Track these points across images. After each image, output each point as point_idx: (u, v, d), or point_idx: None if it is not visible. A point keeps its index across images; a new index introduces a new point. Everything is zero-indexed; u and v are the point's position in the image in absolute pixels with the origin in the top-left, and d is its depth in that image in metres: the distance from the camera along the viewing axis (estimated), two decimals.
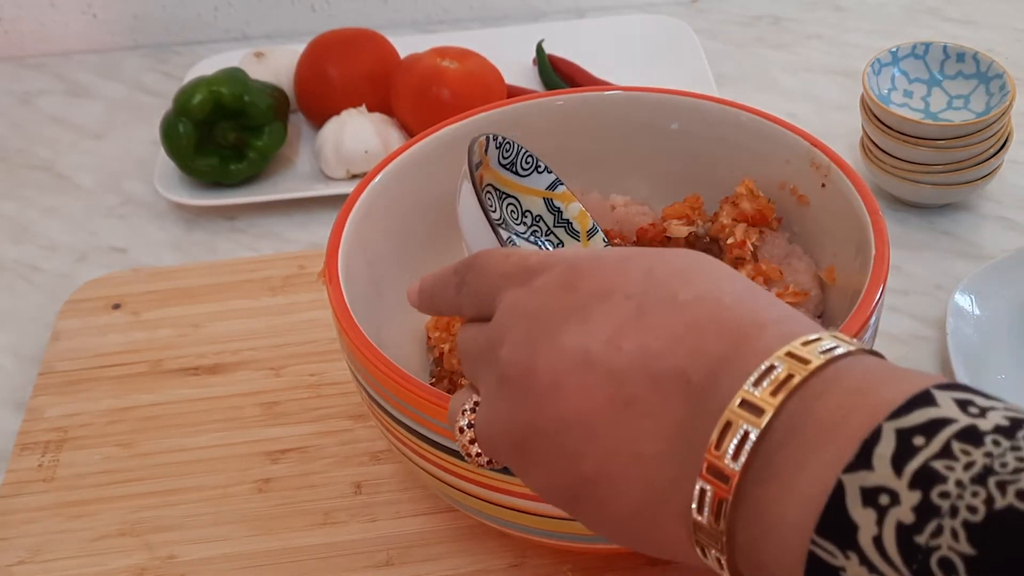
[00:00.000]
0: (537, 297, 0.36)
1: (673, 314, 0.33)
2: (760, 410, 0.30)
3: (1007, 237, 0.76)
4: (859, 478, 0.27)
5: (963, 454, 0.26)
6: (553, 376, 0.34)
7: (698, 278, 0.35)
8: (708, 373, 0.32)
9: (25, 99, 0.99)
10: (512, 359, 0.35)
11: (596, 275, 0.35)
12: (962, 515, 0.25)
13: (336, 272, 0.53)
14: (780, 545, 0.29)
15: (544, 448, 0.35)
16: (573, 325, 0.34)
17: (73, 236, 0.83)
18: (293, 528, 0.59)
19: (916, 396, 0.28)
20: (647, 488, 0.33)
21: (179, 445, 0.64)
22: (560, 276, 0.36)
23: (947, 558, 0.25)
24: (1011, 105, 0.74)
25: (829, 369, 0.30)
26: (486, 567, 0.56)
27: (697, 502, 0.31)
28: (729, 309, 0.33)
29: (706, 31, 1.00)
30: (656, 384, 0.32)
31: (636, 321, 0.33)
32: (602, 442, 0.33)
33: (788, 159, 0.59)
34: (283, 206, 0.84)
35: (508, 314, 0.37)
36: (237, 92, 0.82)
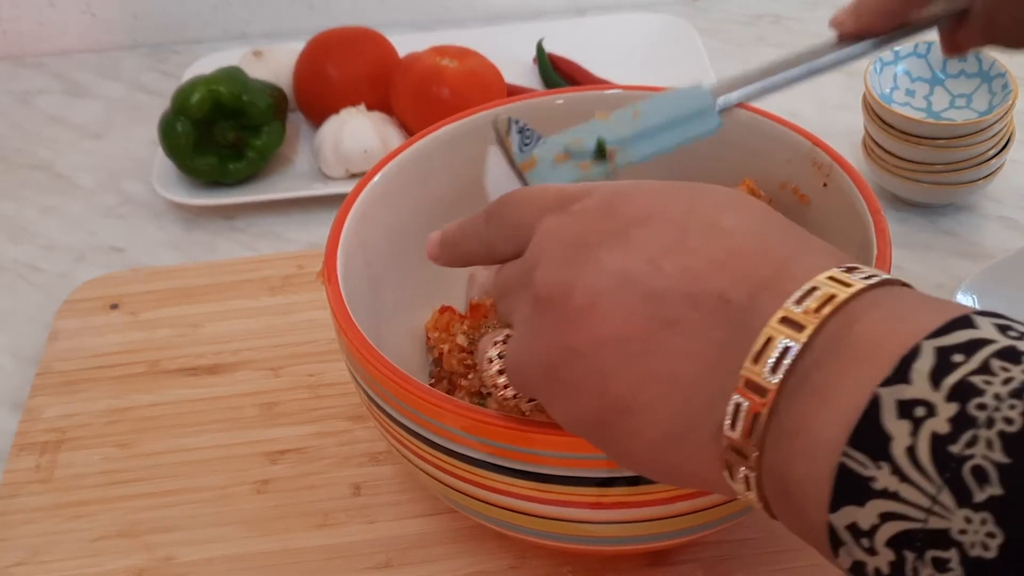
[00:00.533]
0: (576, 221, 0.36)
1: (715, 239, 0.33)
2: (801, 326, 0.30)
3: (1009, 237, 0.76)
4: (896, 391, 0.27)
5: (1002, 370, 0.26)
6: (591, 296, 0.34)
7: (741, 210, 0.35)
8: (749, 296, 0.32)
9: (24, 98, 0.99)
10: (548, 279, 0.35)
11: (638, 200, 0.35)
12: (998, 426, 0.25)
13: (335, 272, 0.53)
14: (811, 458, 0.29)
15: (577, 371, 0.34)
16: (613, 246, 0.34)
17: (71, 236, 0.83)
18: (292, 529, 0.59)
19: (956, 319, 0.28)
20: (681, 411, 0.33)
21: (178, 446, 0.64)
22: (600, 201, 0.36)
23: (980, 466, 0.25)
24: (1013, 104, 0.74)
25: (870, 293, 0.30)
26: (486, 568, 0.56)
27: (731, 418, 0.31)
28: (771, 237, 0.33)
29: (707, 30, 1.00)
30: (696, 305, 0.32)
31: (677, 244, 0.33)
32: (638, 363, 0.33)
33: (789, 158, 0.59)
34: (282, 206, 0.84)
35: (545, 238, 0.36)
36: (236, 91, 0.81)
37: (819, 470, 0.29)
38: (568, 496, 0.46)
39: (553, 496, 0.46)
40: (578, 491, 0.46)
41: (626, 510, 0.46)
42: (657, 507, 0.46)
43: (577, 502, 0.46)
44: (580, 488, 0.45)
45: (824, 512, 0.29)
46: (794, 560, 0.55)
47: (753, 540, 0.56)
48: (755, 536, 0.56)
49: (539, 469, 0.45)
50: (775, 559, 0.55)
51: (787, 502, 0.31)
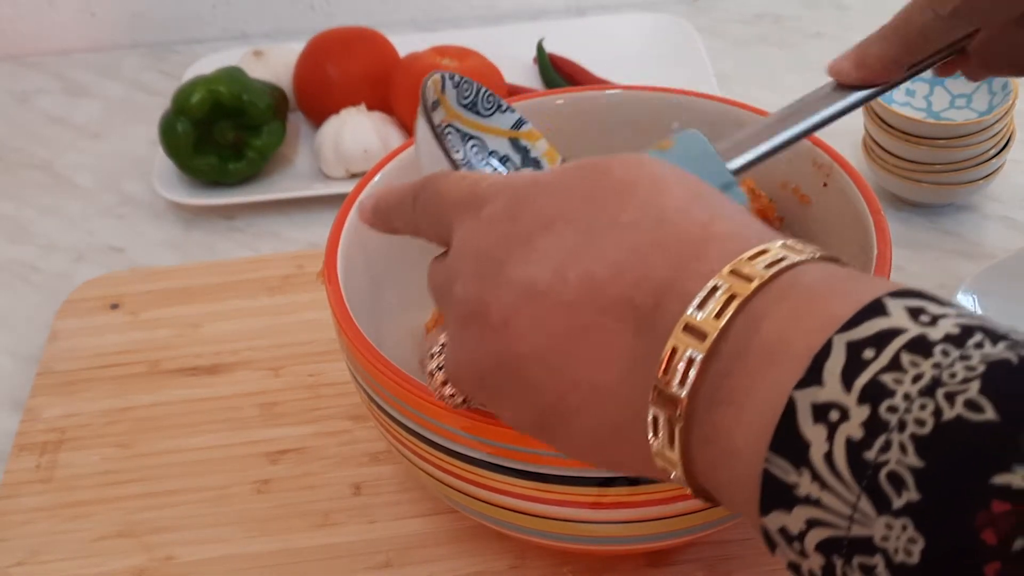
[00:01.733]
0: (486, 230, 0.36)
1: (615, 238, 0.33)
2: (704, 334, 0.30)
3: (1009, 236, 0.76)
4: (810, 394, 0.27)
5: (912, 366, 0.26)
6: (504, 312, 0.34)
7: (642, 193, 0.34)
8: (653, 299, 0.32)
9: (23, 98, 0.99)
10: (465, 297, 0.36)
11: (537, 202, 0.35)
12: (910, 428, 0.25)
13: (335, 272, 0.53)
14: (736, 466, 0.29)
15: (507, 382, 0.35)
16: (519, 259, 0.34)
17: (71, 236, 0.83)
18: (292, 529, 0.59)
19: (867, 306, 0.27)
20: (607, 416, 0.33)
21: (178, 446, 0.64)
22: (506, 206, 0.36)
23: (895, 472, 0.25)
24: (1013, 104, 0.74)
25: (776, 283, 0.30)
26: (486, 568, 0.56)
27: (652, 429, 0.31)
28: (673, 226, 0.32)
29: (707, 29, 1.00)
30: (605, 313, 0.32)
31: (580, 249, 0.33)
32: (560, 374, 0.33)
33: (789, 158, 0.59)
34: (282, 205, 0.83)
35: (459, 249, 0.37)
36: (236, 91, 0.81)
37: (745, 476, 0.29)
38: (568, 496, 0.46)
39: (553, 496, 0.46)
40: (578, 491, 0.46)
41: (626, 510, 0.46)
42: (657, 507, 0.46)
43: (577, 502, 0.46)
44: (580, 488, 0.45)
45: (756, 515, 0.29)
46: None
47: (753, 540, 0.56)
48: (755, 536, 0.56)
49: (539, 469, 0.45)
50: (775, 560, 0.55)
51: (725, 501, 0.31)
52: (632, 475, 0.36)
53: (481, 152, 0.54)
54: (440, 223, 0.39)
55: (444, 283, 0.38)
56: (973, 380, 0.25)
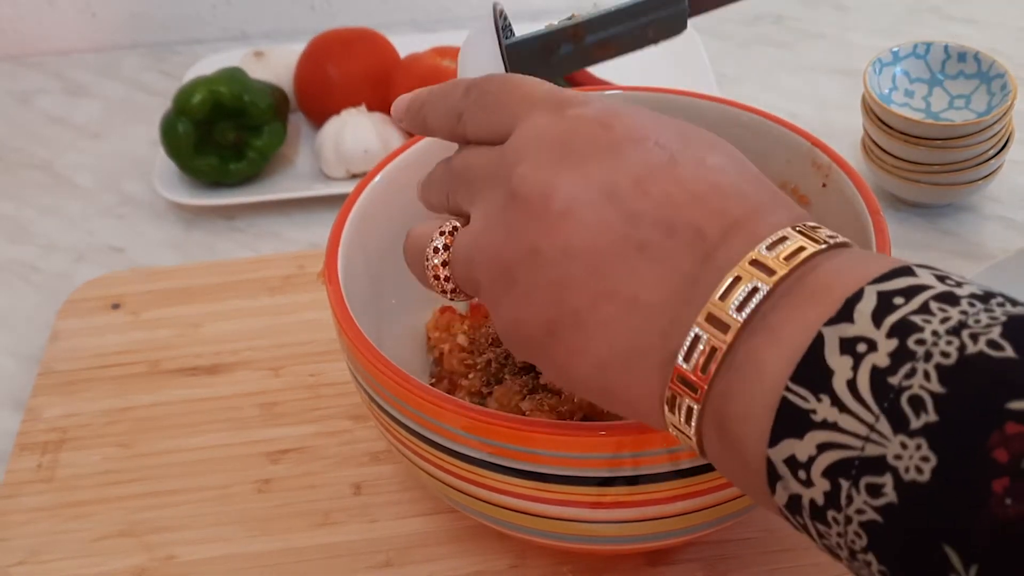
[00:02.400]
0: (570, 125, 0.36)
1: (700, 173, 0.34)
2: (772, 270, 0.31)
3: (1008, 237, 0.76)
4: (839, 330, 0.29)
5: (940, 311, 0.28)
6: (571, 202, 0.34)
7: (725, 153, 0.36)
8: (722, 233, 0.33)
9: (23, 98, 0.99)
10: (530, 177, 0.35)
11: (633, 120, 0.36)
12: (935, 359, 0.27)
13: (336, 272, 0.53)
14: (754, 393, 0.30)
15: (537, 275, 0.34)
16: (604, 159, 0.34)
17: (72, 236, 0.83)
18: (293, 529, 0.59)
19: (898, 268, 0.30)
20: (635, 334, 0.33)
21: (178, 445, 0.64)
22: (597, 113, 0.36)
23: (917, 395, 0.27)
24: (1012, 105, 0.74)
25: (830, 251, 0.32)
26: (486, 568, 0.56)
27: (687, 350, 0.32)
28: (748, 183, 0.35)
29: (707, 30, 1.00)
30: (672, 233, 0.33)
31: (665, 170, 0.34)
32: (604, 278, 0.33)
33: (789, 159, 0.59)
34: (283, 206, 0.84)
35: (532, 135, 0.36)
36: (237, 91, 0.81)
37: (762, 404, 0.30)
38: (568, 496, 0.46)
39: (553, 496, 0.46)
40: (578, 491, 0.46)
41: (626, 510, 0.46)
42: (657, 507, 0.47)
43: (577, 502, 0.46)
44: (580, 488, 0.45)
45: (763, 446, 0.30)
46: (794, 560, 0.55)
47: (753, 540, 0.56)
48: (755, 536, 0.56)
49: (539, 469, 0.45)
50: (775, 559, 0.55)
51: (725, 439, 0.32)
52: (613, 410, 0.36)
53: None
54: (502, 113, 0.38)
55: (494, 164, 0.37)
56: (995, 326, 0.27)
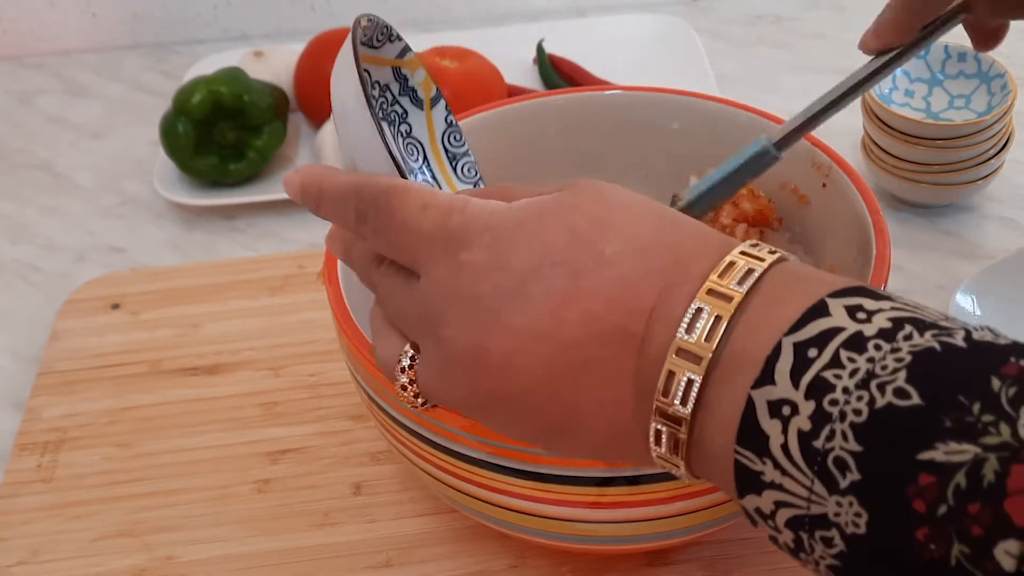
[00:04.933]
0: (468, 277, 0.37)
1: (604, 274, 0.35)
2: (698, 357, 0.33)
3: (1008, 237, 0.76)
4: (765, 392, 0.31)
5: (849, 362, 0.29)
6: (507, 356, 0.36)
7: (617, 223, 0.36)
8: (645, 325, 0.34)
9: (24, 98, 0.99)
10: (459, 343, 0.37)
11: (521, 247, 0.36)
12: (849, 418, 0.29)
13: (335, 272, 0.53)
14: (716, 459, 0.33)
15: (508, 411, 0.37)
16: (515, 306, 0.36)
17: (72, 236, 0.83)
18: (293, 529, 0.59)
19: (811, 309, 0.31)
20: (612, 425, 0.36)
21: (178, 445, 0.64)
22: (486, 254, 0.37)
23: (840, 457, 0.29)
24: (1012, 105, 0.74)
25: (747, 298, 0.33)
26: (486, 568, 0.56)
27: (654, 439, 0.34)
28: (651, 253, 0.35)
29: (707, 30, 1.00)
30: (605, 344, 0.35)
31: (572, 290, 0.35)
32: (565, 399, 0.36)
33: (789, 159, 0.59)
34: (282, 206, 0.84)
35: (440, 293, 0.37)
36: (237, 92, 0.81)
37: (723, 468, 0.32)
38: (568, 496, 0.46)
39: (553, 496, 0.46)
40: (578, 491, 0.46)
41: (626, 510, 0.46)
42: (657, 507, 0.47)
43: (577, 502, 0.46)
44: (580, 488, 0.45)
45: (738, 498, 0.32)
46: (794, 559, 0.55)
47: (753, 540, 0.56)
48: (755, 536, 0.56)
49: (539, 469, 0.45)
50: (775, 559, 0.55)
51: (718, 486, 0.34)
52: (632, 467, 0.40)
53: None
54: (401, 250, 0.39)
55: (419, 316, 0.38)
56: (901, 370, 0.29)
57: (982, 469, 0.26)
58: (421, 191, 0.39)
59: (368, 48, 0.50)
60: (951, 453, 0.27)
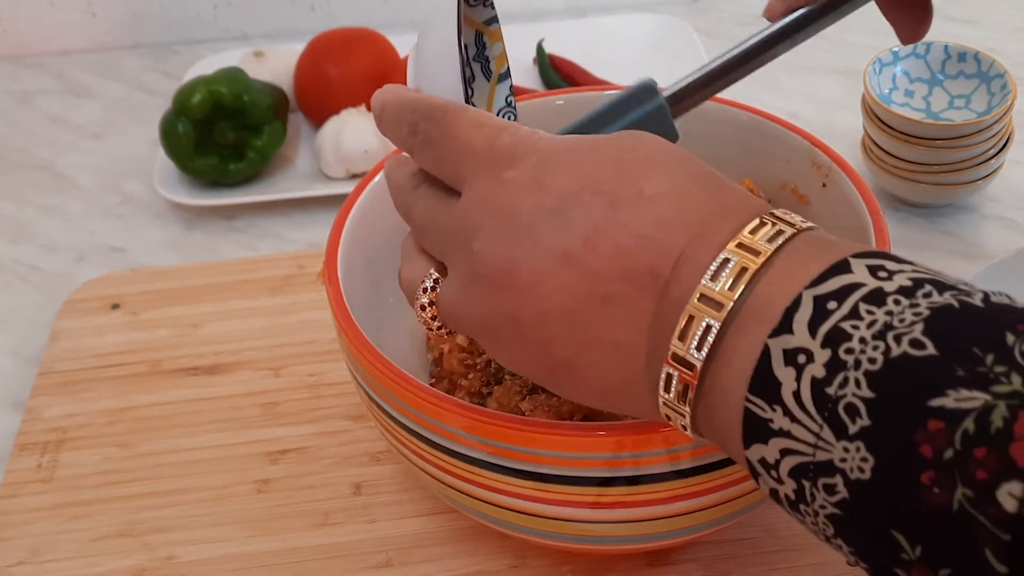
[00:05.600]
0: (509, 193, 0.37)
1: (642, 210, 0.35)
2: (720, 304, 0.33)
3: (1008, 237, 0.76)
4: (781, 341, 0.31)
5: (868, 314, 0.30)
6: (534, 275, 0.36)
7: (665, 166, 0.37)
8: (673, 268, 0.34)
9: (24, 98, 0.99)
10: (490, 256, 0.37)
11: (568, 172, 0.37)
12: (864, 366, 0.29)
13: (335, 272, 0.53)
14: (725, 409, 0.33)
15: (522, 337, 0.37)
16: (550, 225, 0.36)
17: (72, 236, 0.83)
18: (292, 529, 0.59)
19: (833, 266, 0.32)
20: (622, 370, 0.36)
21: (178, 445, 0.64)
22: (531, 172, 0.37)
23: (851, 403, 0.29)
24: (1012, 105, 0.74)
25: (775, 255, 0.33)
26: (486, 568, 0.56)
27: (664, 384, 0.34)
28: (691, 200, 0.36)
29: (707, 30, 1.00)
30: (630, 280, 0.35)
31: (609, 221, 0.35)
32: (581, 331, 0.36)
33: (789, 159, 0.59)
34: (282, 206, 0.84)
35: (480, 206, 0.38)
36: (237, 92, 0.81)
37: (732, 417, 0.33)
38: (568, 496, 0.46)
39: (553, 496, 0.46)
40: (578, 491, 0.46)
41: (626, 510, 0.46)
42: (657, 507, 0.47)
43: (577, 502, 0.46)
44: (580, 488, 0.45)
45: (742, 450, 0.33)
46: (794, 560, 0.55)
47: (752, 540, 0.56)
48: (754, 536, 0.56)
49: (539, 469, 0.45)
50: (774, 559, 0.55)
51: (718, 442, 0.35)
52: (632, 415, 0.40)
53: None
54: (445, 165, 0.40)
55: (453, 230, 0.39)
56: (918, 323, 0.29)
57: (991, 415, 0.27)
58: (476, 112, 0.40)
59: (464, 4, 0.50)
60: (961, 400, 0.27)
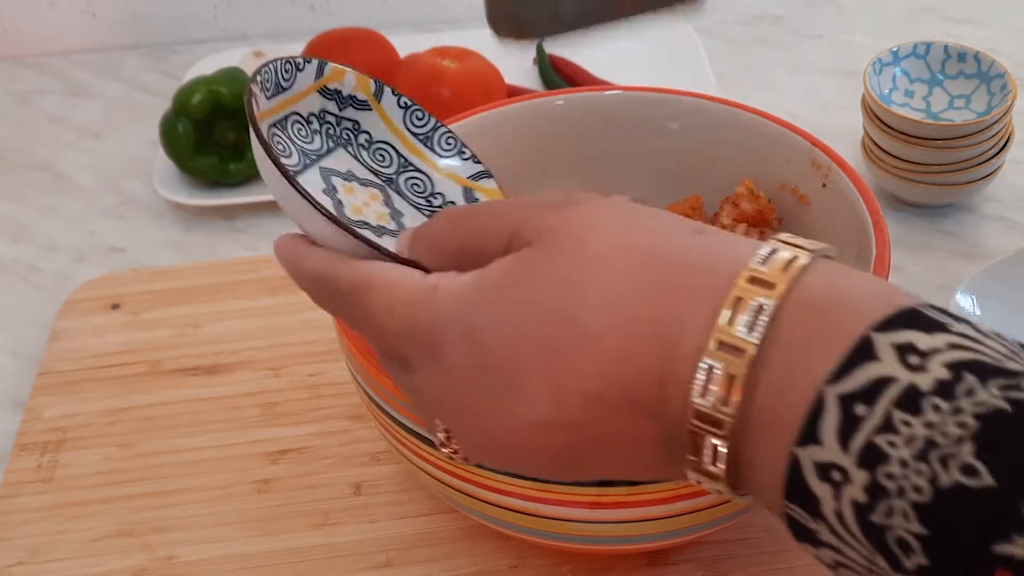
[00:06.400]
0: (457, 380, 0.35)
1: (592, 352, 0.32)
2: (720, 421, 0.30)
3: (1008, 237, 0.76)
4: (811, 453, 0.28)
5: (904, 426, 0.26)
6: (519, 447, 0.35)
7: (593, 287, 0.33)
8: (656, 392, 0.32)
9: (24, 98, 0.99)
10: (472, 445, 0.37)
11: (497, 337, 0.34)
12: (909, 496, 0.26)
13: None
14: (766, 504, 0.31)
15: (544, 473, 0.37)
16: (512, 403, 0.34)
17: (72, 236, 0.83)
18: (292, 529, 0.59)
19: (855, 350, 0.28)
20: (650, 471, 0.35)
21: (178, 446, 0.64)
22: (464, 352, 0.35)
23: (903, 538, 0.26)
24: (1012, 105, 0.74)
25: (763, 348, 0.30)
26: (486, 568, 0.56)
27: (696, 483, 0.33)
28: (638, 322, 0.32)
29: (707, 31, 1.00)
30: (615, 417, 0.33)
31: (565, 373, 0.33)
32: (593, 464, 0.35)
33: (789, 159, 0.59)
34: None
35: (439, 396, 0.37)
36: (237, 92, 0.81)
37: (775, 510, 0.30)
38: (568, 496, 0.46)
39: (553, 496, 0.46)
40: (578, 491, 0.46)
41: (626, 510, 0.46)
42: (657, 507, 0.47)
43: (577, 502, 0.46)
44: (580, 488, 0.45)
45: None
46: (794, 560, 0.55)
47: (753, 540, 0.56)
48: (755, 536, 0.56)
49: None
50: (774, 559, 0.55)
51: None
52: None
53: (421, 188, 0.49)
54: (383, 350, 0.39)
55: (430, 413, 0.38)
56: (965, 441, 0.25)
57: None
58: (384, 289, 0.37)
59: (280, 93, 0.46)
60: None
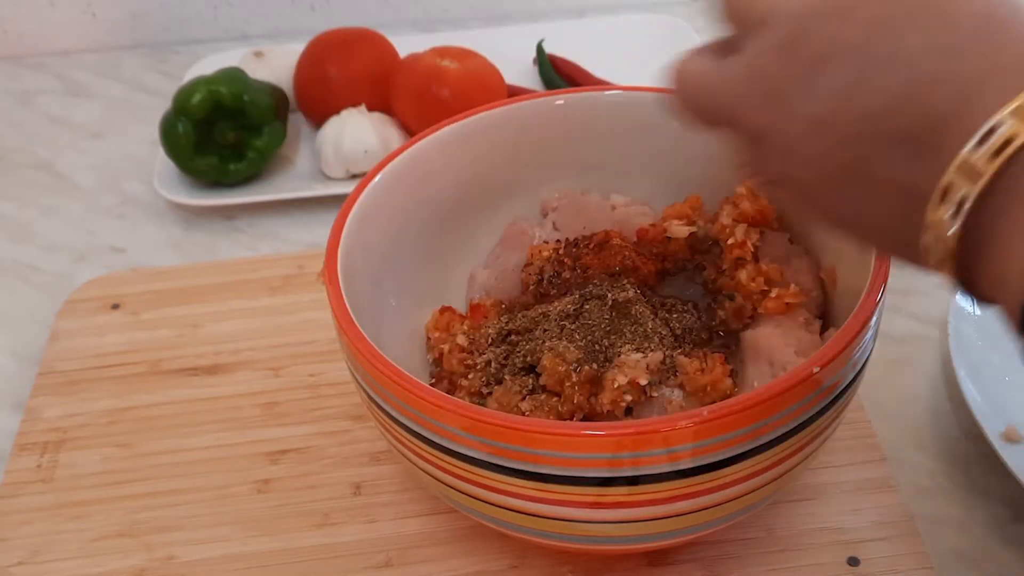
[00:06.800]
0: (765, 60, 0.37)
1: (895, 72, 0.33)
2: (979, 173, 0.31)
3: None
4: None
5: None
6: (788, 142, 0.36)
7: (925, 21, 0.33)
8: (933, 132, 0.32)
9: (24, 98, 0.99)
10: (753, 124, 0.38)
11: (817, 34, 0.36)
12: None
13: (336, 272, 0.53)
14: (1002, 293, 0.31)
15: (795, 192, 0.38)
16: (799, 93, 0.36)
17: (72, 236, 0.83)
18: (292, 529, 0.59)
19: None
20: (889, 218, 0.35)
21: (178, 446, 0.64)
22: (784, 36, 0.36)
23: None
24: None
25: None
26: (486, 568, 0.56)
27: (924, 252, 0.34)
28: (952, 60, 0.33)
29: (707, 30, 1.00)
30: (883, 146, 0.34)
31: (861, 84, 0.34)
32: (839, 195, 0.36)
33: None
34: (282, 206, 0.84)
35: (745, 73, 0.38)
36: (237, 92, 0.81)
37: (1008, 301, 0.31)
38: (568, 496, 0.46)
39: (553, 496, 0.46)
40: (578, 491, 0.46)
41: (626, 510, 0.46)
42: (657, 507, 0.47)
43: (577, 502, 0.46)
44: (580, 488, 0.45)
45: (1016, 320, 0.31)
46: (793, 560, 0.55)
47: (753, 540, 0.56)
48: (755, 536, 0.56)
49: (539, 469, 0.45)
50: (775, 559, 0.55)
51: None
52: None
53: None
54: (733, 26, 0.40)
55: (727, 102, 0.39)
56: None
57: None
58: None
59: None
60: None
